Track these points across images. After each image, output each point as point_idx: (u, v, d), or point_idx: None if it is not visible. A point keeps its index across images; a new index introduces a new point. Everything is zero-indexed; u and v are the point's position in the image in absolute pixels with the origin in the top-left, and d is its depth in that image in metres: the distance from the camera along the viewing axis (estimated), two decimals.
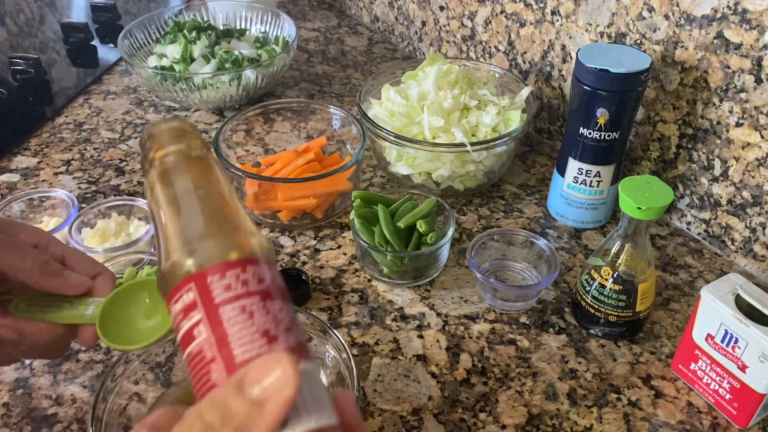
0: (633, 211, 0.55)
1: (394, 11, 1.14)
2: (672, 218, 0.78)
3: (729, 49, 0.65)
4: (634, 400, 0.58)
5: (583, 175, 0.72)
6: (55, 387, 0.57)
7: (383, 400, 0.57)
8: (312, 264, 0.71)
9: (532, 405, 0.57)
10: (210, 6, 1.07)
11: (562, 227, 0.77)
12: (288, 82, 1.04)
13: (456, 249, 0.73)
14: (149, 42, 1.02)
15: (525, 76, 0.91)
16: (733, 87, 0.66)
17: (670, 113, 0.73)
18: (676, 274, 0.70)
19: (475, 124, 0.77)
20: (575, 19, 0.80)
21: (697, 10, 0.66)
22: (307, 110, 0.86)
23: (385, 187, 0.83)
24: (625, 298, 0.59)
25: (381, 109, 0.81)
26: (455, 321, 0.65)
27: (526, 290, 0.65)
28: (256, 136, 0.85)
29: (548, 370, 0.60)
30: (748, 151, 0.66)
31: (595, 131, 0.69)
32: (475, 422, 0.55)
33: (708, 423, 0.56)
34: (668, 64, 0.71)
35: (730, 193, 0.70)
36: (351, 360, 0.50)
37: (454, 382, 0.59)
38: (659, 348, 0.62)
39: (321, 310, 0.65)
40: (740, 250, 0.71)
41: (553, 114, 0.89)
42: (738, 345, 0.52)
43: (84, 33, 1.16)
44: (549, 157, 0.88)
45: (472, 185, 0.79)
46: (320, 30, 1.22)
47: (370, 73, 1.03)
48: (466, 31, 0.98)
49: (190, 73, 0.90)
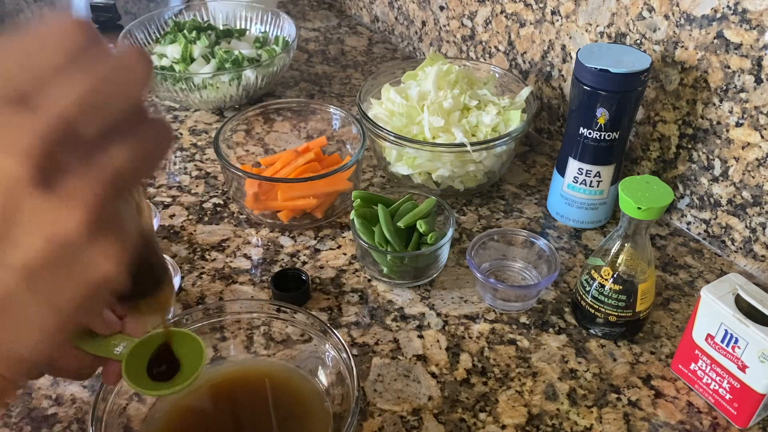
0: (633, 211, 0.55)
1: (394, 11, 1.14)
2: (672, 218, 0.78)
3: (729, 49, 0.65)
4: (634, 400, 0.58)
5: (583, 175, 0.72)
6: (55, 387, 0.57)
7: (383, 400, 0.57)
8: (312, 264, 0.71)
9: (532, 405, 0.57)
10: (210, 6, 1.07)
11: (562, 227, 0.77)
12: (288, 82, 1.04)
13: (456, 249, 0.73)
14: (149, 42, 1.02)
15: (525, 76, 0.91)
16: (733, 87, 0.66)
17: (670, 113, 0.73)
18: (676, 274, 0.70)
19: (475, 124, 0.77)
20: (575, 19, 0.80)
21: (697, 10, 0.66)
22: (307, 110, 0.86)
23: (385, 187, 0.83)
24: (625, 298, 0.59)
25: (381, 109, 0.81)
26: (455, 321, 0.65)
27: (526, 290, 0.65)
28: (256, 136, 0.85)
29: (548, 370, 0.60)
30: (748, 151, 0.66)
31: (595, 131, 0.69)
32: (475, 422, 0.55)
33: (708, 423, 0.56)
34: (668, 64, 0.71)
35: (730, 193, 0.70)
36: (351, 360, 0.50)
37: (454, 382, 0.59)
38: (659, 348, 0.62)
39: (321, 310, 0.65)
40: (740, 250, 0.71)
41: (553, 114, 0.89)
42: (738, 345, 0.52)
43: None
44: (549, 157, 0.88)
45: (472, 185, 0.79)
46: (320, 30, 1.22)
47: (370, 73, 1.03)
48: (466, 31, 0.98)
49: (190, 73, 0.90)
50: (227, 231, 0.75)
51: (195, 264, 0.70)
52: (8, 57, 0.24)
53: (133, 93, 0.26)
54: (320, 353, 0.55)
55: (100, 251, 0.25)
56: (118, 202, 0.26)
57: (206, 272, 0.69)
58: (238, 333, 0.57)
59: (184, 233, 0.74)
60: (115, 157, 0.25)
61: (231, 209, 0.78)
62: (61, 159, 0.23)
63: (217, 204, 0.79)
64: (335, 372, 0.53)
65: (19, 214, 0.23)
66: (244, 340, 0.57)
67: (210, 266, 0.70)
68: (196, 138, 0.91)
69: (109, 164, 0.25)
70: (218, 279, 0.69)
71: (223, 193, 0.81)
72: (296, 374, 0.55)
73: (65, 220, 0.24)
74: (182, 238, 0.74)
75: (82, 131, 0.24)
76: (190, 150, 0.88)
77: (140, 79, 0.26)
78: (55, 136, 0.23)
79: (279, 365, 0.56)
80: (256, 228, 0.76)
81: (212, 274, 0.69)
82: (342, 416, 0.50)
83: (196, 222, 0.76)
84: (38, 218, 0.23)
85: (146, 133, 0.26)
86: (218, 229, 0.75)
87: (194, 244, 0.73)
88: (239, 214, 0.77)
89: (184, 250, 0.72)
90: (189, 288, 0.67)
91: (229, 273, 0.69)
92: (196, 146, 0.89)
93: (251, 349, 0.57)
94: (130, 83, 0.26)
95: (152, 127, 0.27)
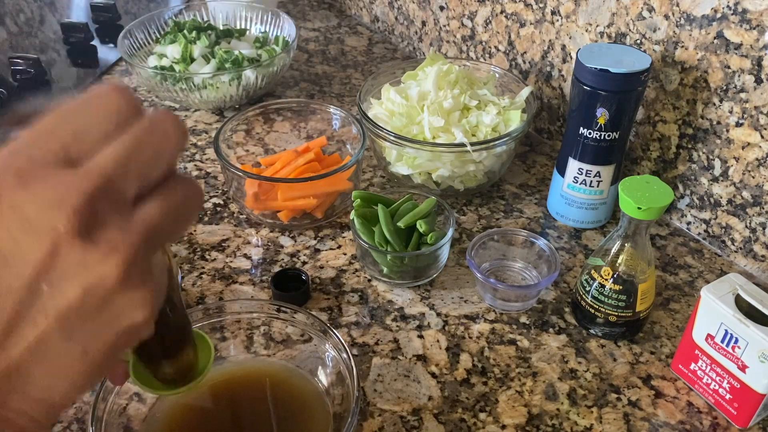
0: (633, 211, 0.55)
1: (394, 11, 1.14)
2: (672, 218, 0.78)
3: (729, 49, 0.65)
4: (634, 400, 0.58)
5: (583, 175, 0.72)
6: None
7: (383, 400, 0.57)
8: (312, 264, 0.71)
9: (532, 405, 0.57)
10: (210, 6, 1.07)
11: (562, 227, 0.77)
12: (288, 82, 1.04)
13: (456, 249, 0.73)
14: (149, 42, 1.02)
15: (525, 76, 0.91)
16: (733, 87, 0.66)
17: (670, 113, 0.73)
18: (676, 274, 0.70)
19: (475, 124, 0.77)
20: (575, 19, 0.80)
21: (697, 10, 0.66)
22: (307, 110, 0.86)
23: (385, 187, 0.83)
24: (625, 298, 0.59)
25: (381, 109, 0.81)
26: (455, 321, 0.65)
27: (526, 290, 0.65)
28: (256, 136, 0.85)
29: (548, 370, 0.60)
30: (748, 151, 0.66)
31: (595, 131, 0.69)
32: (475, 422, 0.55)
33: (708, 423, 0.56)
34: (668, 64, 0.71)
35: (730, 193, 0.70)
36: (351, 360, 0.50)
37: (454, 382, 0.59)
38: (659, 348, 0.62)
39: (321, 310, 0.65)
40: (740, 250, 0.71)
41: (553, 114, 0.89)
42: (738, 345, 0.52)
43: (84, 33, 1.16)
44: (549, 157, 0.88)
45: (472, 185, 0.79)
46: (320, 30, 1.22)
47: (370, 73, 1.03)
48: (466, 31, 0.98)
49: (190, 73, 0.90)
50: (227, 231, 0.75)
51: (195, 264, 0.70)
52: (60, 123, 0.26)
53: (168, 155, 0.28)
54: (320, 353, 0.55)
55: (132, 301, 0.26)
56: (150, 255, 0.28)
57: (206, 272, 0.69)
58: (238, 333, 0.57)
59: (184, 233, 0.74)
60: (150, 213, 0.27)
61: (231, 209, 0.78)
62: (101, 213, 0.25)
63: (217, 204, 0.79)
64: (335, 372, 0.53)
65: (60, 263, 0.25)
66: (244, 340, 0.57)
67: (210, 266, 0.70)
68: (196, 138, 0.91)
69: (145, 219, 0.27)
70: (218, 279, 0.69)
71: (223, 193, 0.81)
72: (296, 374, 0.55)
73: (102, 268, 0.25)
74: (182, 238, 0.74)
75: (122, 189, 0.26)
76: (190, 150, 0.88)
77: (174, 143, 0.28)
78: (97, 193, 0.25)
79: (279, 365, 0.56)
80: (256, 228, 0.76)
81: (212, 274, 0.69)
82: (342, 416, 0.50)
83: (196, 222, 0.76)
84: (77, 266, 0.25)
85: (179, 192, 0.28)
86: (218, 229, 0.75)
87: (194, 244, 0.73)
88: (239, 214, 0.77)
89: (184, 250, 0.72)
90: (189, 288, 0.67)
91: (229, 273, 0.69)
92: (196, 146, 0.89)
93: (251, 349, 0.57)
94: (165, 146, 0.28)
95: (184, 185, 0.29)
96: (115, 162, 0.26)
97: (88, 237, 0.25)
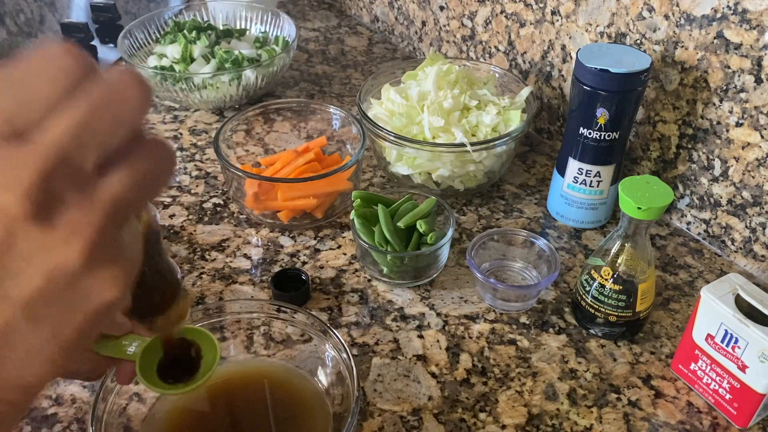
0: (633, 211, 0.55)
1: (394, 11, 1.14)
2: (672, 218, 0.78)
3: (729, 49, 0.65)
4: (634, 400, 0.58)
5: (583, 175, 0.72)
6: (55, 387, 0.57)
7: (383, 400, 0.57)
8: (312, 264, 0.71)
9: (532, 405, 0.57)
10: (210, 6, 1.07)
11: (562, 227, 0.77)
12: (288, 82, 1.04)
13: (456, 249, 0.73)
14: (149, 42, 1.02)
15: (525, 76, 0.91)
16: (733, 87, 0.66)
17: (670, 113, 0.73)
18: (676, 274, 0.70)
19: (475, 124, 0.77)
20: (575, 19, 0.80)
21: (697, 10, 0.66)
22: (307, 110, 0.86)
23: (385, 187, 0.83)
24: (625, 298, 0.59)
25: (381, 109, 0.81)
26: (455, 321, 0.65)
27: (526, 290, 0.65)
28: (256, 136, 0.85)
29: (548, 370, 0.60)
30: (748, 151, 0.66)
31: (595, 131, 0.69)
32: (475, 422, 0.55)
33: (708, 423, 0.56)
34: (668, 64, 0.71)
35: (730, 193, 0.70)
36: (351, 360, 0.50)
37: (454, 382, 0.59)
38: (659, 348, 0.62)
39: (321, 310, 0.65)
40: (740, 250, 0.71)
41: (553, 114, 0.89)
42: (738, 345, 0.52)
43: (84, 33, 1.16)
44: (549, 157, 0.88)
45: (472, 185, 0.79)
46: (320, 30, 1.22)
47: (370, 73, 1.03)
48: (466, 31, 0.98)
49: (190, 73, 0.90)
50: (227, 231, 0.75)
51: (195, 264, 0.70)
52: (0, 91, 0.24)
53: (130, 119, 0.25)
54: (320, 353, 0.55)
55: (100, 280, 0.25)
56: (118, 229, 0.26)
57: (206, 272, 0.69)
58: (238, 333, 0.57)
59: (184, 233, 0.74)
60: (115, 185, 0.25)
61: (231, 209, 0.78)
62: (58, 191, 0.23)
63: (217, 204, 0.79)
64: (335, 372, 0.53)
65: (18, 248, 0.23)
66: (244, 340, 0.57)
67: (210, 266, 0.70)
68: (196, 138, 0.91)
69: (109, 192, 0.25)
70: (218, 279, 0.69)
71: (223, 193, 0.81)
72: (296, 374, 0.55)
73: (63, 253, 0.24)
74: (182, 238, 0.74)
75: (79, 162, 0.24)
76: (190, 150, 0.88)
77: (137, 105, 0.25)
78: (51, 169, 0.23)
79: (279, 365, 0.56)
80: (256, 228, 0.76)
81: (212, 274, 0.69)
82: (342, 416, 0.50)
83: (196, 222, 0.76)
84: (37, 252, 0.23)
85: (146, 157, 0.26)
86: (218, 229, 0.75)
87: (194, 244, 0.73)
88: (239, 214, 0.77)
89: (184, 250, 0.72)
90: (189, 288, 0.67)
91: (229, 273, 0.69)
92: (196, 146, 0.89)
93: (251, 349, 0.57)
94: (126, 109, 0.25)
95: (152, 150, 0.27)
96: (69, 132, 0.23)
97: (46, 219, 0.23)
